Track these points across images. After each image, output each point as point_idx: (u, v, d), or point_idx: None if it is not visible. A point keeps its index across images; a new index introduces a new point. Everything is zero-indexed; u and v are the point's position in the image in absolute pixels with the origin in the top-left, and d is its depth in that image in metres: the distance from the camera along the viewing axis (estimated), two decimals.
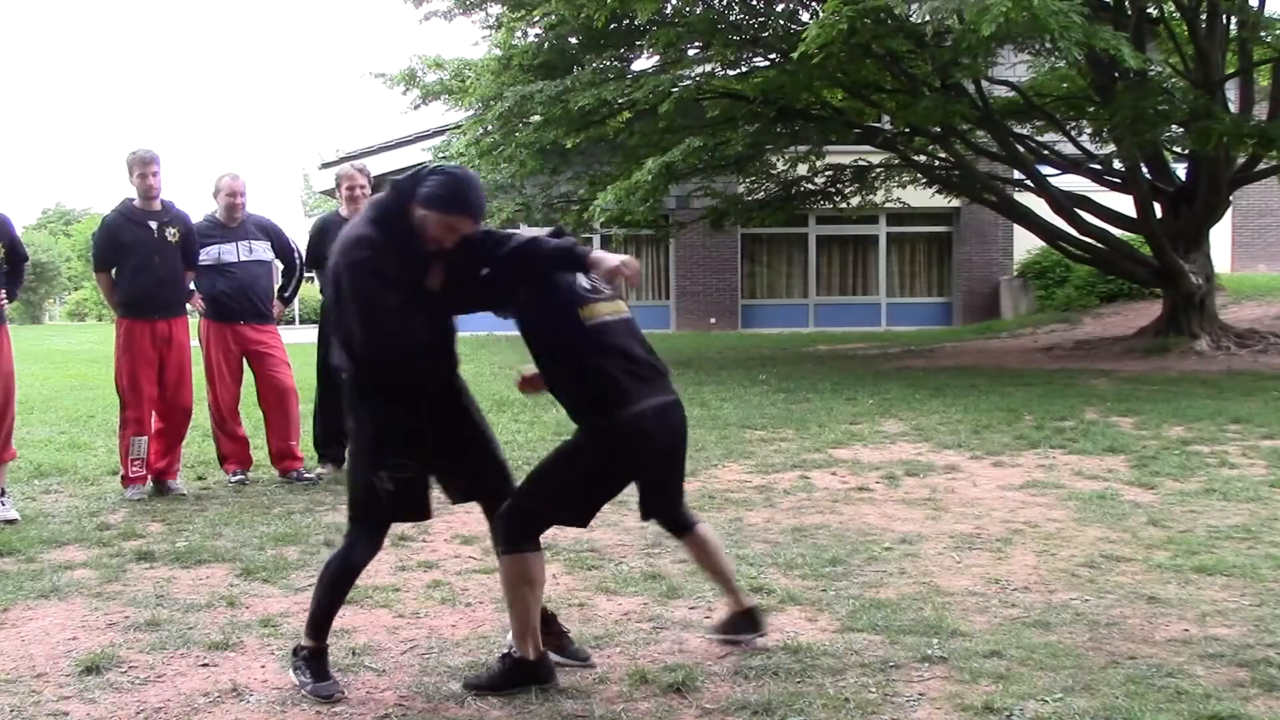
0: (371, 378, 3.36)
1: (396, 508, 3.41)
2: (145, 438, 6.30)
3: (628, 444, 3.33)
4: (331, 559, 3.48)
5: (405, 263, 3.25)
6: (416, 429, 3.37)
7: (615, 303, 3.43)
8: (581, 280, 3.39)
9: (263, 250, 6.81)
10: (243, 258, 6.75)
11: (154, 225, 6.30)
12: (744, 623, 3.75)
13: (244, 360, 6.85)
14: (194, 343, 6.66)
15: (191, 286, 6.80)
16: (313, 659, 3.40)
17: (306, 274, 7.28)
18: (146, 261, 6.27)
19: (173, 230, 6.36)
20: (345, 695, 3.34)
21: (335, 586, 3.44)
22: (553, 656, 3.49)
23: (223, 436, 6.83)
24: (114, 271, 6.39)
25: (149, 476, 6.36)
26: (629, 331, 3.42)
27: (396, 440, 3.35)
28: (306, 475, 6.72)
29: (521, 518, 3.39)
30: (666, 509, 3.68)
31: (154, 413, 6.43)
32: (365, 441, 3.41)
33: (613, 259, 3.23)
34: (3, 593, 4.41)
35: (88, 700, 3.33)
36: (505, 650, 3.46)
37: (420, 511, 3.47)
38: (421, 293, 3.29)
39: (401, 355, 3.25)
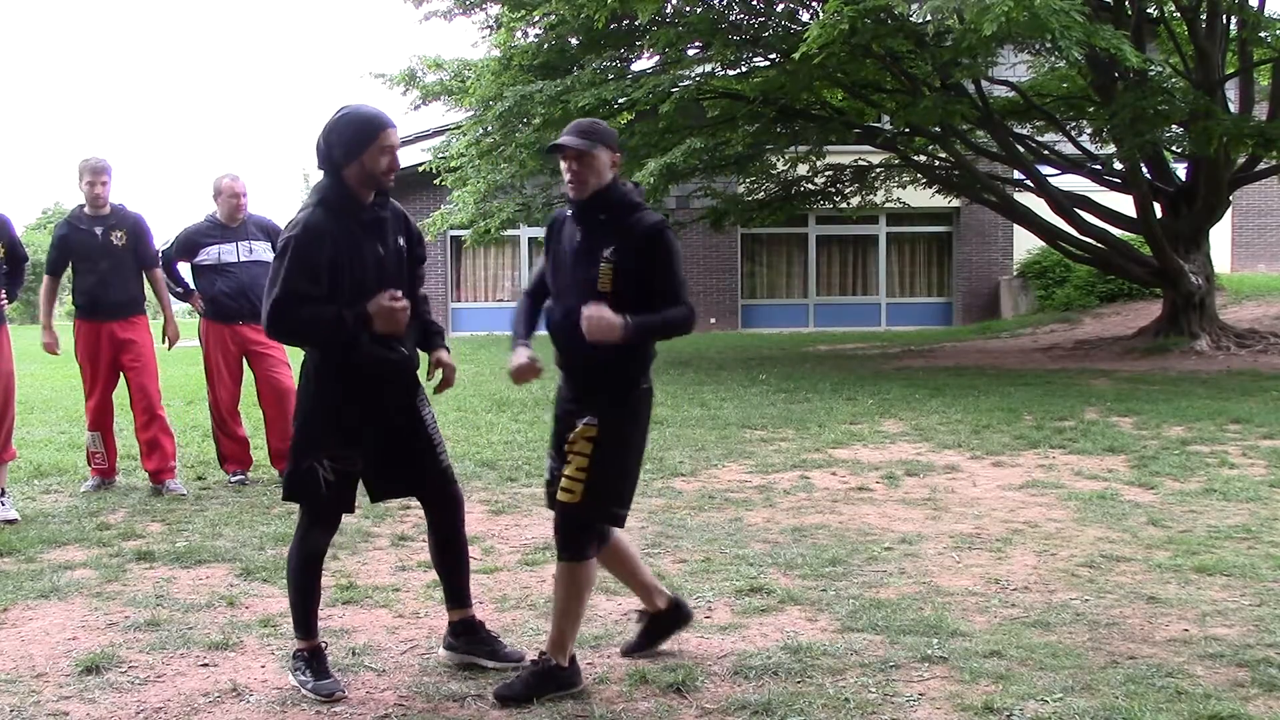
0: (327, 360, 3.39)
1: (332, 498, 3.40)
2: (99, 433, 6.53)
3: (648, 409, 3.52)
4: (290, 552, 3.48)
5: (357, 243, 3.33)
6: (364, 421, 3.40)
7: None
8: None
9: (263, 250, 6.82)
10: (243, 258, 6.75)
11: (99, 230, 6.45)
12: (668, 621, 3.70)
13: (244, 360, 6.85)
14: (193, 343, 6.68)
15: (191, 286, 6.83)
16: (311, 658, 3.40)
17: None
18: (92, 266, 6.44)
19: (119, 233, 6.48)
20: (346, 694, 3.34)
21: (304, 578, 3.45)
22: (487, 662, 3.53)
23: (223, 437, 6.83)
24: (69, 276, 6.68)
25: (98, 473, 6.58)
26: None
27: (345, 431, 3.38)
28: None
29: (583, 527, 3.39)
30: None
31: (134, 414, 6.62)
32: (315, 426, 3.40)
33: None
34: (3, 593, 4.41)
35: (88, 700, 3.33)
36: (537, 656, 3.41)
37: (349, 505, 3.49)
38: (374, 282, 3.34)
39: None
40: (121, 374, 6.58)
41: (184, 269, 6.91)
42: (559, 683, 3.33)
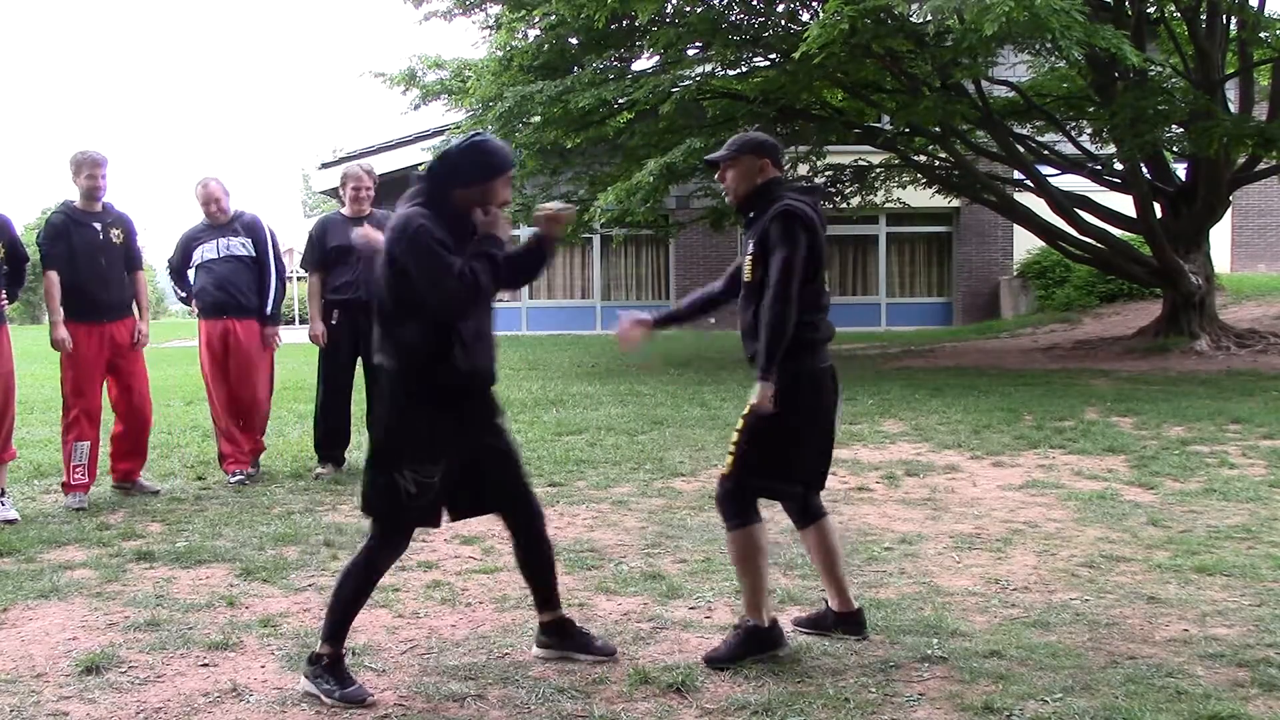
0: (418, 376, 3.38)
1: (415, 512, 3.41)
2: (87, 443, 6.11)
3: (811, 389, 3.61)
4: (354, 560, 3.46)
5: (456, 246, 3.34)
6: (448, 435, 3.40)
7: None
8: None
9: (239, 246, 6.82)
10: (221, 254, 6.80)
11: (98, 226, 6.20)
12: (848, 624, 3.82)
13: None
14: (192, 343, 6.69)
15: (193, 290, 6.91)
16: (333, 665, 3.37)
17: (302, 275, 7.31)
18: (91, 263, 6.15)
19: (116, 232, 6.28)
20: (375, 699, 3.32)
21: (358, 588, 3.43)
22: (582, 656, 3.60)
23: (222, 437, 6.82)
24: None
25: (79, 489, 6.10)
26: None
27: (428, 444, 3.36)
28: (238, 478, 6.66)
29: (729, 495, 3.61)
30: (816, 482, 3.80)
31: (117, 415, 6.39)
32: (396, 440, 3.39)
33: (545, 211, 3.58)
34: (3, 593, 4.41)
35: (88, 700, 3.33)
36: (739, 623, 3.64)
37: (434, 519, 3.49)
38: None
39: (472, 299, 3.31)
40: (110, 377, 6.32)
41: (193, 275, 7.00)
42: (762, 643, 3.55)
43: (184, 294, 7.05)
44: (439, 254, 3.25)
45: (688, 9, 13.59)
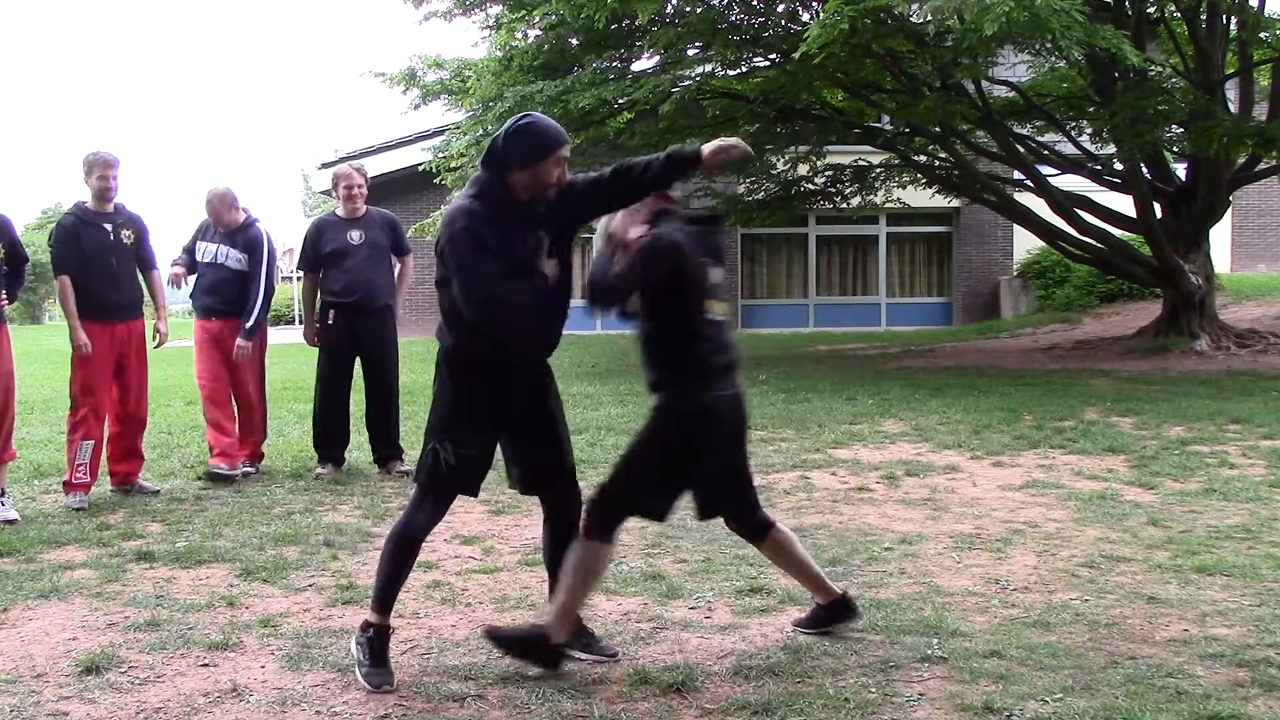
0: (465, 352, 3.47)
1: (452, 480, 3.51)
2: (92, 442, 6.13)
3: (701, 421, 3.51)
4: (394, 526, 3.58)
5: (510, 234, 3.38)
6: (490, 411, 3.49)
7: (725, 304, 3.67)
8: (715, 276, 3.61)
9: (237, 261, 6.82)
10: (216, 259, 6.83)
11: (109, 227, 6.21)
12: (839, 613, 3.83)
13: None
14: (190, 343, 6.71)
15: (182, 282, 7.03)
16: (376, 640, 3.45)
17: (298, 275, 7.37)
18: (103, 264, 6.18)
19: (127, 232, 6.29)
20: (394, 689, 3.36)
21: (397, 554, 3.51)
22: (582, 655, 3.61)
23: (210, 428, 6.83)
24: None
25: (80, 489, 6.10)
26: (728, 329, 3.68)
27: (468, 418, 3.47)
28: (238, 471, 6.71)
29: (607, 507, 3.56)
30: (736, 505, 3.78)
31: (112, 416, 6.32)
32: (441, 411, 3.51)
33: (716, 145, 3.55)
34: (3, 593, 4.41)
35: (88, 700, 3.33)
36: (539, 622, 3.62)
37: (471, 488, 3.58)
38: (529, 269, 3.42)
39: (500, 321, 3.36)
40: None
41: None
42: (542, 653, 3.49)
43: (177, 258, 7.07)
44: (472, 262, 3.33)
45: (688, 9, 13.58)
